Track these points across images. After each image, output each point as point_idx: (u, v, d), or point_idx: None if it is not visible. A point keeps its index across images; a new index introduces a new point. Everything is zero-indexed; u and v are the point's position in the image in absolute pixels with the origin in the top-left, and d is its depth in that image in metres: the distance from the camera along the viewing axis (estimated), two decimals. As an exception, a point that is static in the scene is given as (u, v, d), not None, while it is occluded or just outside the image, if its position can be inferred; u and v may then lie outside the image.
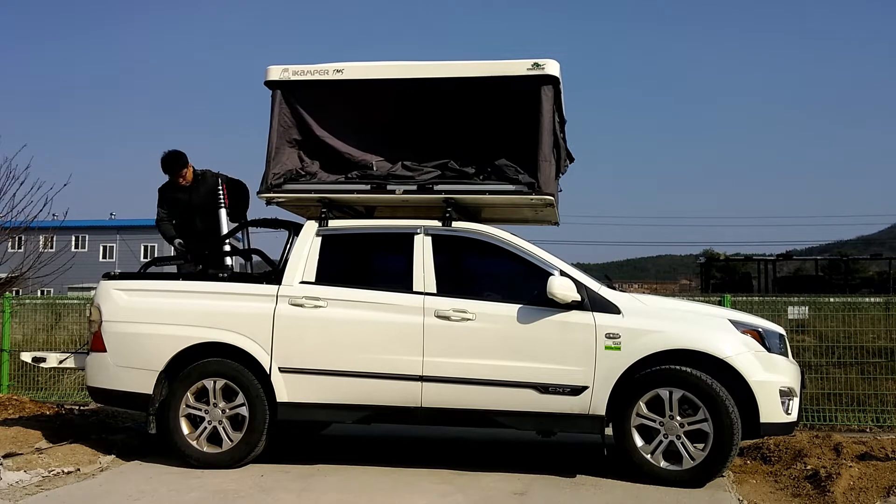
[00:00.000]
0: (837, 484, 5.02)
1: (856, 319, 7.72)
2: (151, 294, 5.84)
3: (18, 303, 9.43)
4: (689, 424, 5.17)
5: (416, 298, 5.47)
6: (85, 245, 51.44)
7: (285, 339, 5.51)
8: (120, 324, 5.75)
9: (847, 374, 7.50)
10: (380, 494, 4.94)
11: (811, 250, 77.03)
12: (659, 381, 5.20)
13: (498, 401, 5.31)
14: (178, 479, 5.24)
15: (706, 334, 5.26)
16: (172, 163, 6.66)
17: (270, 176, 5.86)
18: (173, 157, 6.66)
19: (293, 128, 5.99)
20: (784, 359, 5.38)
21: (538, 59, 5.59)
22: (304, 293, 5.59)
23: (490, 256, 5.70)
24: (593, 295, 5.35)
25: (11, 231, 8.79)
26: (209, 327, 5.61)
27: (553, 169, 5.73)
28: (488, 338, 5.34)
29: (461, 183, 5.72)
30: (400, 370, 5.38)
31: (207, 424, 5.58)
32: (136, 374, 5.65)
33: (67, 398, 8.85)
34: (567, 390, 5.23)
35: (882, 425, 7.33)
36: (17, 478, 5.16)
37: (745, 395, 5.13)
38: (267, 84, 5.96)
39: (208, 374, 5.59)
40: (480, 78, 5.76)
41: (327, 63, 5.91)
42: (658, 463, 5.20)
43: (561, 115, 6.13)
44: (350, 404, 5.47)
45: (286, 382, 5.48)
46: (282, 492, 4.98)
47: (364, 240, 6.02)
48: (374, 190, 5.78)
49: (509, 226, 6.32)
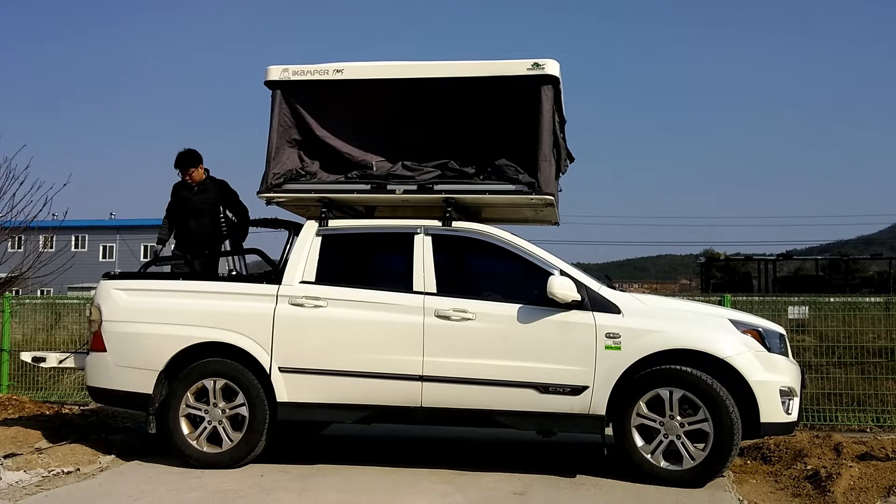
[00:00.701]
0: (838, 484, 5.02)
1: (856, 319, 7.72)
2: (151, 294, 5.84)
3: (18, 303, 9.43)
4: (690, 424, 5.16)
5: (417, 298, 5.47)
6: (85, 245, 51.43)
7: (285, 339, 5.51)
8: (120, 323, 5.75)
9: (847, 374, 7.50)
10: (380, 494, 4.94)
11: (811, 250, 77.07)
12: (659, 380, 5.20)
13: (498, 401, 5.31)
14: (178, 479, 5.24)
15: (706, 334, 5.26)
16: (184, 159, 6.67)
17: (270, 176, 5.86)
18: (186, 154, 6.68)
19: (293, 128, 5.98)
20: (784, 359, 5.38)
21: (538, 59, 5.59)
22: (304, 293, 5.58)
23: (490, 256, 5.70)
24: (593, 295, 5.34)
25: (11, 231, 8.78)
26: (209, 327, 5.61)
27: (553, 169, 5.73)
28: (488, 338, 5.34)
29: (461, 183, 5.71)
30: (400, 370, 5.38)
31: (207, 424, 5.57)
32: (136, 374, 5.65)
33: (67, 398, 8.84)
34: (567, 390, 5.22)
35: (882, 425, 7.33)
36: (17, 478, 5.16)
37: (746, 395, 5.13)
38: (267, 84, 5.96)
39: (208, 374, 5.59)
40: (480, 78, 5.75)
41: (327, 63, 5.91)
42: (658, 463, 5.20)
43: (561, 114, 6.13)
44: (350, 404, 5.47)
45: (286, 382, 5.48)
46: (282, 492, 4.98)
47: (364, 240, 6.02)
48: (374, 190, 5.78)
49: (509, 226, 6.32)
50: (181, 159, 6.68)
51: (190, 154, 6.68)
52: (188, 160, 6.67)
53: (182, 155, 6.68)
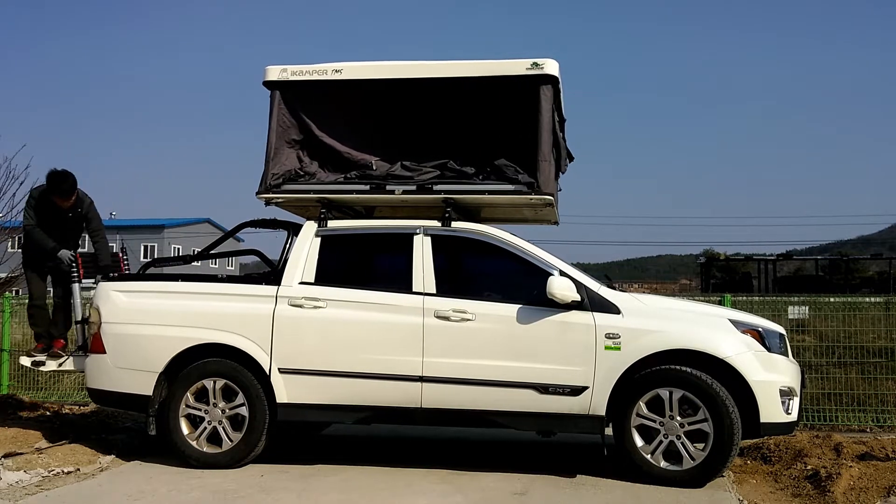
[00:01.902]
0: (838, 484, 5.02)
1: (856, 319, 7.72)
2: (150, 295, 5.84)
3: (18, 303, 9.41)
4: (690, 424, 5.16)
5: (416, 299, 5.46)
6: (85, 245, 51.31)
7: (285, 340, 5.51)
8: (119, 325, 5.75)
9: (847, 373, 7.50)
10: (380, 494, 4.94)
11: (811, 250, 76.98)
12: (659, 381, 5.20)
13: (498, 401, 5.30)
14: (178, 479, 5.24)
15: (706, 334, 5.25)
16: (62, 182, 6.34)
17: (269, 176, 5.86)
18: (64, 176, 6.35)
19: (292, 128, 5.98)
20: (784, 358, 5.38)
21: (537, 59, 5.59)
22: (303, 294, 5.58)
23: (490, 256, 5.70)
24: (593, 295, 5.34)
25: (11, 231, 8.79)
26: (209, 328, 5.60)
27: (552, 169, 5.73)
28: (488, 338, 5.34)
29: (460, 183, 5.71)
30: (400, 371, 5.38)
31: (207, 424, 5.57)
32: (136, 376, 5.65)
33: (67, 398, 8.84)
34: (567, 390, 5.22)
35: (882, 425, 7.33)
36: (17, 478, 5.16)
37: (746, 395, 5.12)
38: (266, 84, 5.96)
39: (208, 374, 5.59)
40: (480, 78, 5.75)
41: (326, 63, 5.90)
42: (658, 463, 5.20)
43: (561, 114, 6.13)
44: (350, 405, 5.47)
45: (286, 383, 5.48)
46: (282, 492, 4.98)
47: (363, 240, 6.01)
48: (373, 190, 5.78)
49: (509, 225, 6.32)
50: (60, 181, 6.33)
51: (67, 176, 6.35)
52: (68, 183, 6.35)
53: (61, 177, 6.34)
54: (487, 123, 5.94)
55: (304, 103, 5.98)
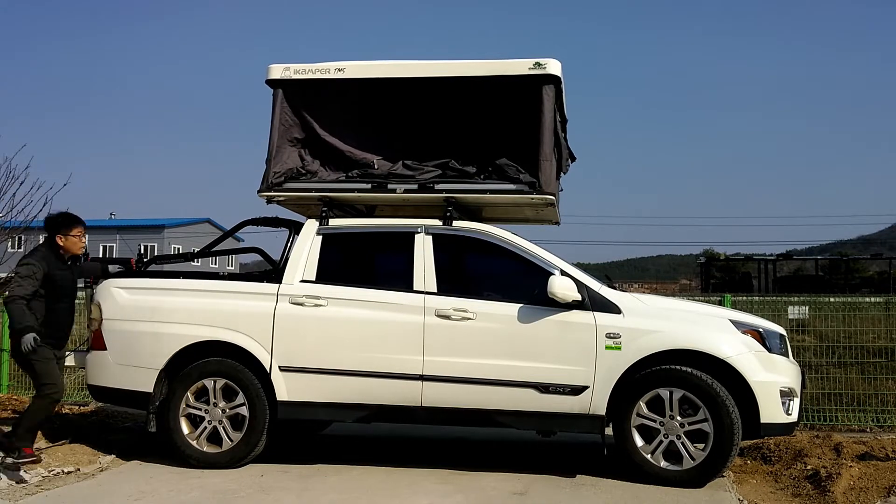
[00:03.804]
0: (838, 484, 5.02)
1: (856, 319, 7.72)
2: (151, 292, 5.83)
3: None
4: (690, 424, 5.16)
5: (417, 297, 5.46)
6: (85, 245, 51.32)
7: (286, 338, 5.51)
8: (120, 322, 5.75)
9: (847, 374, 7.50)
10: (380, 494, 4.94)
11: (811, 250, 77.08)
12: (659, 380, 5.20)
13: (498, 400, 5.30)
14: (178, 479, 5.24)
15: (706, 334, 5.25)
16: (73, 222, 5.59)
17: (271, 174, 5.86)
18: (72, 218, 5.64)
19: (294, 126, 5.98)
20: (784, 359, 5.38)
21: (539, 59, 5.59)
22: (304, 292, 5.58)
23: (491, 256, 5.70)
24: (594, 294, 5.34)
25: (11, 231, 8.79)
26: (209, 326, 5.60)
27: (554, 168, 5.73)
28: (489, 337, 5.34)
29: (462, 182, 5.72)
30: (400, 369, 5.38)
31: (207, 424, 5.57)
32: (137, 373, 5.65)
33: (67, 398, 8.81)
34: (567, 390, 5.22)
35: (882, 425, 7.32)
36: (17, 478, 5.15)
37: (746, 396, 5.13)
38: (268, 83, 5.96)
39: (208, 374, 5.59)
40: (482, 77, 5.76)
41: (329, 62, 5.90)
42: (658, 463, 5.20)
43: (563, 114, 6.13)
44: (350, 403, 5.47)
45: (286, 381, 5.48)
46: (282, 492, 4.98)
47: (365, 239, 6.01)
48: (374, 189, 5.78)
49: (510, 225, 6.32)
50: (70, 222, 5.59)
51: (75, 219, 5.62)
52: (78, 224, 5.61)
53: (70, 218, 5.63)
54: (489, 123, 5.95)
55: (307, 102, 5.98)
